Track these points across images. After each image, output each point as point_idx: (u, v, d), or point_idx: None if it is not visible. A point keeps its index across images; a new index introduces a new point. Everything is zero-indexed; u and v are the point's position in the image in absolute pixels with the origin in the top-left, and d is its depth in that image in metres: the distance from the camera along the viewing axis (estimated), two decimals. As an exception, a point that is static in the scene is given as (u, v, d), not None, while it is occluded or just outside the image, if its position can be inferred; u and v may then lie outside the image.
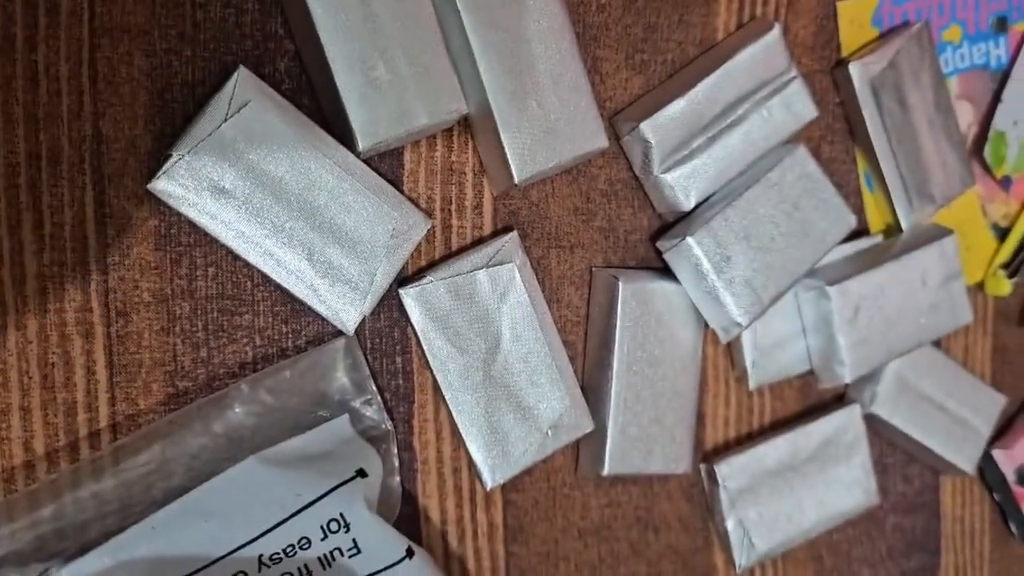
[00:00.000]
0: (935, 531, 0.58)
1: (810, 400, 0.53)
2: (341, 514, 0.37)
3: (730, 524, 0.50)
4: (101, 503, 0.37)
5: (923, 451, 0.55)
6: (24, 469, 0.37)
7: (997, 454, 0.58)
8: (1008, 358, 0.59)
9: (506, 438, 0.44)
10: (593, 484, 0.48)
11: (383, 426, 0.42)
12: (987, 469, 0.58)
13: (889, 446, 0.56)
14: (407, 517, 0.44)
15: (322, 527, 0.37)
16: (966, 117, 0.56)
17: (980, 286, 0.57)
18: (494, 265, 0.43)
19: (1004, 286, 0.56)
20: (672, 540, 0.50)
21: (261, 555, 0.36)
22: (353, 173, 0.40)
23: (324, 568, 0.38)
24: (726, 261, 0.46)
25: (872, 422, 0.53)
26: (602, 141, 0.44)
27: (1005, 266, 0.56)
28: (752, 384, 0.50)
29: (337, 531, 0.37)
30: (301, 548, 0.37)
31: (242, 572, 0.36)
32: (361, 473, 0.39)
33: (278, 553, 0.37)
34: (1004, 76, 0.56)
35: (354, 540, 0.38)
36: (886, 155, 0.51)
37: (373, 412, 0.42)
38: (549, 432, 0.44)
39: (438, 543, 0.45)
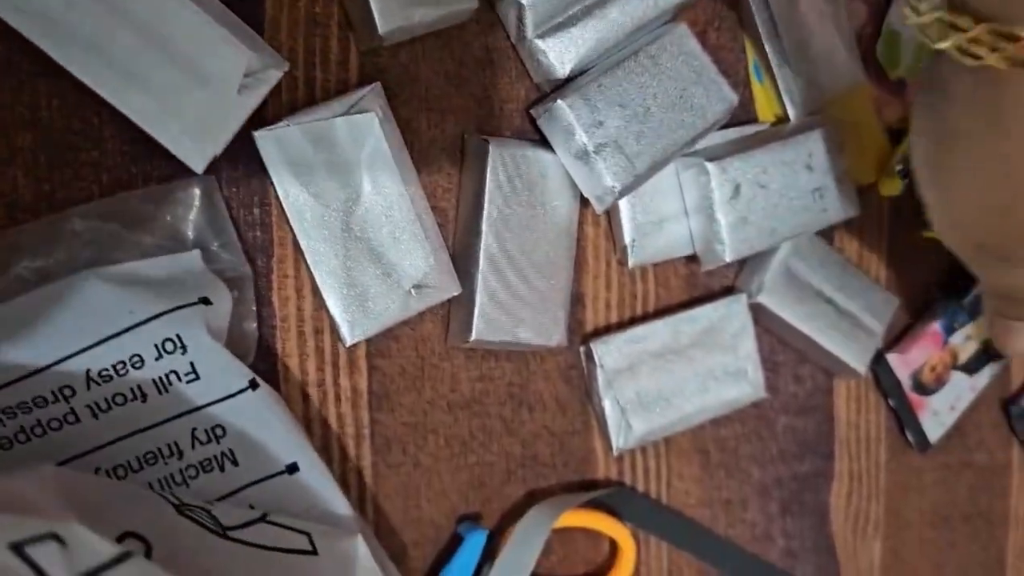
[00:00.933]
0: (828, 435, 0.57)
1: (697, 291, 0.53)
2: (178, 335, 0.36)
3: (607, 404, 0.49)
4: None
5: (813, 348, 0.54)
6: None
7: (892, 358, 0.58)
8: (903, 264, 0.58)
9: (366, 293, 0.43)
10: (464, 356, 0.47)
11: (239, 269, 0.41)
12: (882, 374, 0.58)
13: (780, 344, 0.55)
14: (265, 375, 0.42)
15: (156, 346, 0.36)
16: (860, 18, 0.55)
17: (875, 189, 0.57)
18: (354, 113, 0.42)
19: (897, 185, 0.56)
20: (548, 421, 0.49)
21: (89, 370, 0.35)
22: (207, 7, 0.39)
23: (160, 392, 0.37)
24: (599, 126, 0.45)
25: (760, 314, 0.53)
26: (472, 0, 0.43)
27: (900, 168, 0.56)
28: (631, 262, 0.49)
29: (172, 352, 0.36)
30: (133, 367, 0.36)
31: (68, 387, 0.35)
32: (205, 301, 0.38)
33: (107, 370, 0.36)
34: (897, -25, 0.56)
35: (191, 364, 0.37)
36: (772, 40, 0.51)
37: (229, 254, 0.41)
38: (412, 291, 0.44)
39: (298, 406, 0.44)
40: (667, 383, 0.50)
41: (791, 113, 0.52)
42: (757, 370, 0.52)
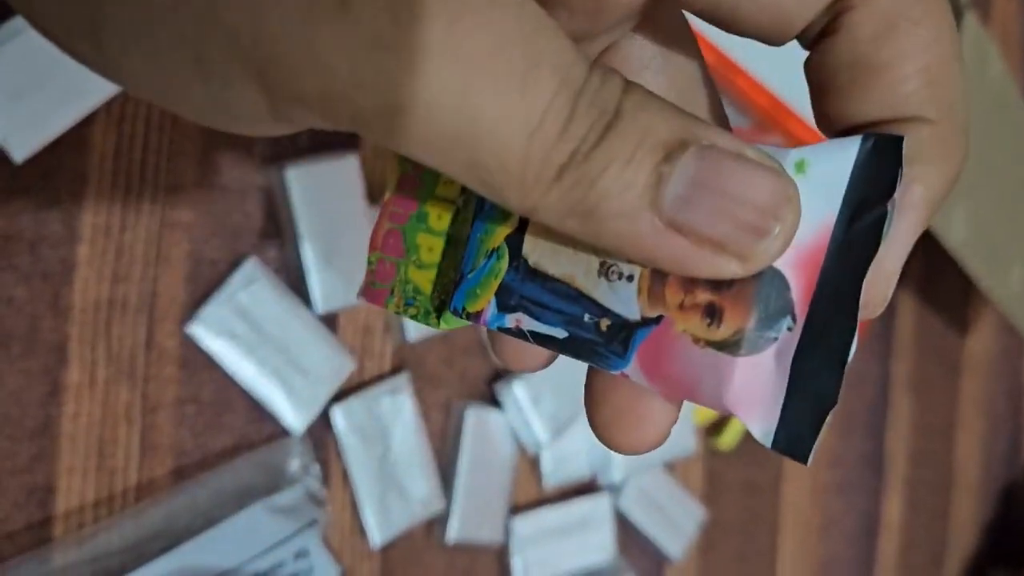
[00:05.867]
0: None
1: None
2: (305, 547, 0.58)
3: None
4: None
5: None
6: None
7: None
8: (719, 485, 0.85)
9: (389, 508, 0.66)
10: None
11: (322, 497, 0.63)
12: None
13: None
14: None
15: (293, 553, 0.58)
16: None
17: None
18: (394, 394, 0.66)
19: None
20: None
21: (256, 572, 0.56)
22: (313, 329, 0.62)
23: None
24: (537, 401, 0.70)
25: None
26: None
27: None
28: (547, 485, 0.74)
29: (305, 556, 0.58)
30: (281, 567, 0.57)
31: (242, 582, 0.56)
32: (314, 522, 0.59)
33: (267, 571, 0.57)
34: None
35: (312, 565, 0.58)
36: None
37: (317, 487, 0.63)
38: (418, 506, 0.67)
39: None
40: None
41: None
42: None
